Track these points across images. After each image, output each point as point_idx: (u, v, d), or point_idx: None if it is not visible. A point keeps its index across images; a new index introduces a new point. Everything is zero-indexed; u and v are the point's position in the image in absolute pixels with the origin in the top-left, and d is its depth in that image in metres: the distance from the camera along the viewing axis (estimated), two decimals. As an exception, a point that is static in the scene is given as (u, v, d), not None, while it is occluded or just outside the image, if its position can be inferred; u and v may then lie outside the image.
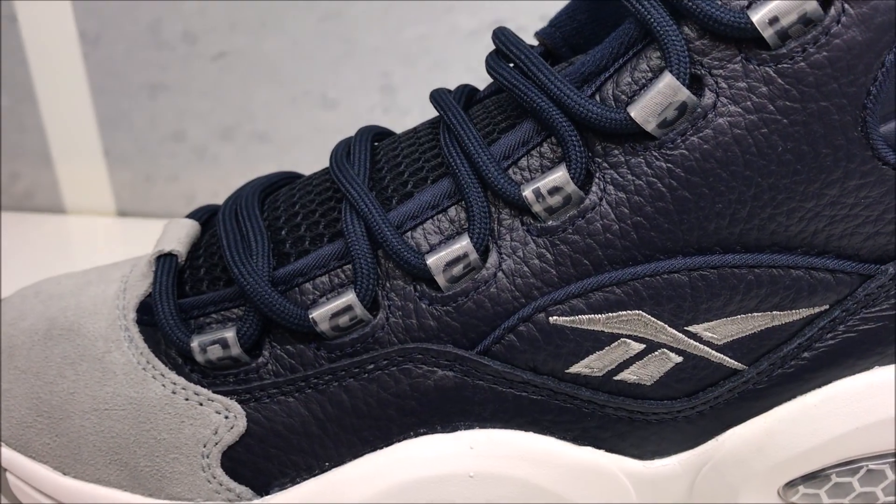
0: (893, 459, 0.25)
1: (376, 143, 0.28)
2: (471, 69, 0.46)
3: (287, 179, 0.30)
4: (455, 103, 0.26)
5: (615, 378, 0.25)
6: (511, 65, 0.25)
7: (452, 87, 0.28)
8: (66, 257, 0.48)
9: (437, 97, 0.27)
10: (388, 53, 0.47)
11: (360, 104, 0.48)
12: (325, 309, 0.24)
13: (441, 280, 0.24)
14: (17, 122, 0.51)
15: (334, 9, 0.46)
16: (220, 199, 0.34)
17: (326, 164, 0.27)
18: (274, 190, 0.29)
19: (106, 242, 0.50)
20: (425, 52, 0.47)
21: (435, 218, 0.25)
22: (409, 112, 0.48)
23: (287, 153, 0.49)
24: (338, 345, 0.25)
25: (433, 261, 0.24)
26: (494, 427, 0.25)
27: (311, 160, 0.35)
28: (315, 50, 0.47)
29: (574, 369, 0.25)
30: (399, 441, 0.25)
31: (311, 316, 0.24)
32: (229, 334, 0.25)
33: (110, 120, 0.50)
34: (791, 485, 0.26)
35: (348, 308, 0.24)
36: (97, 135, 0.51)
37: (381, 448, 0.25)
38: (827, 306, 0.24)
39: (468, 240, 0.24)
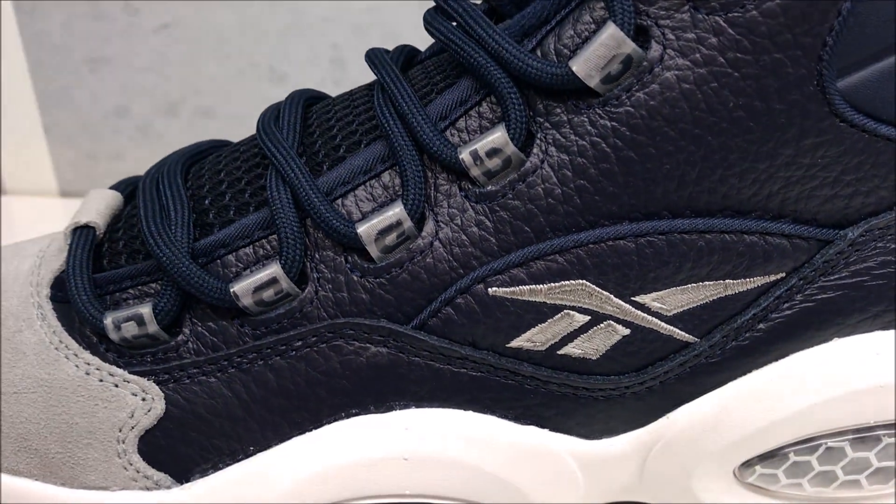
0: (853, 436, 0.24)
1: (313, 107, 0.26)
2: (425, 40, 0.44)
3: (215, 147, 0.28)
4: (390, 62, 0.25)
5: (559, 352, 0.23)
6: (454, 23, 0.24)
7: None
8: (9, 238, 0.46)
9: (373, 56, 0.25)
10: (337, 24, 0.45)
11: (310, 77, 0.46)
12: (249, 282, 0.23)
13: (373, 250, 0.23)
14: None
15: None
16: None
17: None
18: (201, 159, 0.27)
19: (48, 223, 0.48)
20: (377, 23, 0.45)
21: (367, 184, 0.23)
22: (359, 84, 0.46)
23: (234, 129, 0.47)
24: (263, 321, 0.23)
25: (364, 229, 0.22)
26: (432, 406, 0.24)
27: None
28: (263, 21, 0.45)
29: (515, 343, 0.23)
30: (329, 423, 0.23)
31: (232, 290, 0.23)
32: (145, 310, 0.23)
33: (50, 97, 0.48)
34: (747, 465, 0.25)
35: (273, 281, 0.23)
36: (37, 113, 0.48)
37: (310, 430, 0.23)
38: (783, 274, 0.23)
39: (402, 207, 0.22)
